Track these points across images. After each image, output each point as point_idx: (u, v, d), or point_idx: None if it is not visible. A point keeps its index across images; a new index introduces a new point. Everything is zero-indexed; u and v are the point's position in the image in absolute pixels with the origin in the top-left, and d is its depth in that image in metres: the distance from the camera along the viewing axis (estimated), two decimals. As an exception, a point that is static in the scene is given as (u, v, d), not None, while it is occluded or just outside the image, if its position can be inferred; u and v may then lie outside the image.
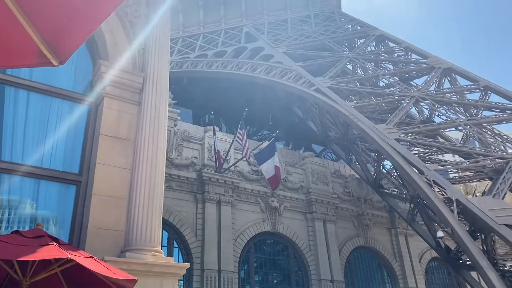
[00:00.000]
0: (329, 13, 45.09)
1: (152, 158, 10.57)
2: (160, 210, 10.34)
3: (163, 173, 10.77)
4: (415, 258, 35.93)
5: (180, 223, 26.31)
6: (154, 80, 11.46)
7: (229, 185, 28.76)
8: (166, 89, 11.72)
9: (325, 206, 32.65)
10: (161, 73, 11.70)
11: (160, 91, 11.46)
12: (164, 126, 11.26)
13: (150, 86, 11.36)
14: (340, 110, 28.89)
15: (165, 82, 11.75)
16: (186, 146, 28.99)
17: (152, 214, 10.01)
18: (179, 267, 9.46)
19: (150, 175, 10.36)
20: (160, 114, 11.24)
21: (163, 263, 9.22)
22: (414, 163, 23.73)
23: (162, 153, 10.90)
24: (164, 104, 11.52)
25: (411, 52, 34.97)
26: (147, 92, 11.27)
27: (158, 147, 10.82)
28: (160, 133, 11.05)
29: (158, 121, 11.10)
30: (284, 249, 30.99)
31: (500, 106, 26.77)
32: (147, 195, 10.13)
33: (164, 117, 11.37)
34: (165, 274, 9.27)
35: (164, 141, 11.15)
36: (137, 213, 9.86)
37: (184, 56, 42.18)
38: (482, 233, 21.24)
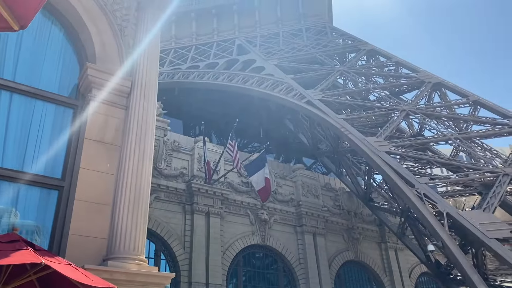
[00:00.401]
0: (320, 27, 45.40)
1: (139, 164, 10.27)
2: (145, 218, 10.02)
3: (149, 179, 10.46)
4: (405, 273, 35.65)
5: (168, 234, 25.79)
6: (143, 85, 11.23)
7: (218, 197, 28.38)
8: (154, 94, 11.48)
9: (315, 219, 32.35)
10: (150, 78, 11.47)
11: (149, 96, 11.21)
12: (151, 132, 10.99)
13: (138, 90, 11.11)
14: (331, 123, 28.82)
15: (154, 87, 11.52)
16: (175, 156, 28.62)
17: (137, 221, 9.68)
18: (163, 277, 9.09)
19: (136, 182, 10.05)
20: (148, 119, 10.98)
21: (146, 273, 8.86)
22: (405, 176, 23.62)
23: (149, 160, 10.60)
24: (152, 109, 11.26)
25: (402, 66, 35.20)
26: (135, 97, 11.01)
27: (145, 153, 10.53)
28: (147, 139, 10.77)
29: (146, 127, 10.83)
30: (274, 263, 30.53)
31: (490, 121, 26.91)
32: (132, 202, 9.80)
33: (152, 123, 11.10)
34: (149, 284, 8.90)
35: (151, 147, 10.86)
36: (121, 221, 9.52)
37: (176, 67, 42.04)
38: (473, 247, 21.08)
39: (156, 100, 11.40)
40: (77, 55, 11.53)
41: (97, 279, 6.46)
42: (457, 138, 25.79)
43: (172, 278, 24.62)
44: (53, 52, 11.23)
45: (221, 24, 47.42)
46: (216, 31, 47.01)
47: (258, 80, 35.44)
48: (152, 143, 10.90)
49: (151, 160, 10.74)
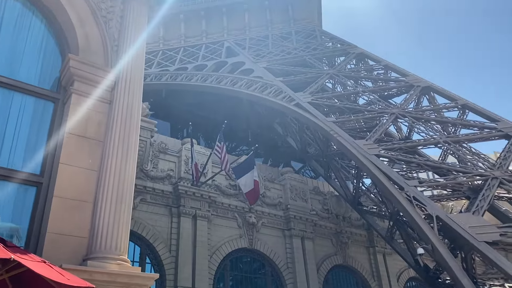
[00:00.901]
0: (310, 30, 45.35)
1: (122, 160, 9.84)
2: (129, 217, 9.58)
3: (133, 177, 10.03)
4: (393, 278, 35.48)
5: (153, 237, 25.22)
6: (128, 79, 10.81)
7: (205, 199, 27.90)
8: (140, 89, 11.06)
9: (303, 223, 32.03)
10: (135, 72, 11.06)
11: (134, 91, 10.79)
12: (136, 128, 10.57)
13: (123, 84, 10.69)
14: (320, 125, 28.61)
15: (139, 82, 11.11)
16: (162, 158, 28.09)
17: (120, 220, 9.24)
18: (146, 278, 8.65)
19: (119, 179, 9.61)
20: (133, 114, 10.56)
21: (129, 273, 8.41)
22: (394, 179, 23.46)
23: (133, 156, 10.17)
24: (137, 104, 10.85)
25: (391, 70, 35.23)
26: (120, 91, 10.59)
27: (129, 149, 10.10)
28: (132, 135, 10.35)
29: (130, 122, 10.41)
30: (261, 267, 30.08)
31: (478, 125, 26.96)
32: (114, 199, 9.36)
33: (137, 118, 10.68)
34: (131, 285, 8.45)
35: (136, 144, 10.43)
36: (102, 219, 9.07)
37: (164, 69, 41.55)
38: (462, 251, 20.94)
39: (141, 95, 10.99)
40: (59, 47, 11.08)
41: (74, 278, 6.01)
42: (446, 142, 25.74)
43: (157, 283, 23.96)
44: (34, 43, 10.77)
45: (210, 26, 47.10)
46: (205, 33, 46.67)
47: (247, 83, 35.14)
48: (137, 139, 10.48)
49: (135, 156, 10.31)
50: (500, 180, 22.30)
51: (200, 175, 27.41)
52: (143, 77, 11.29)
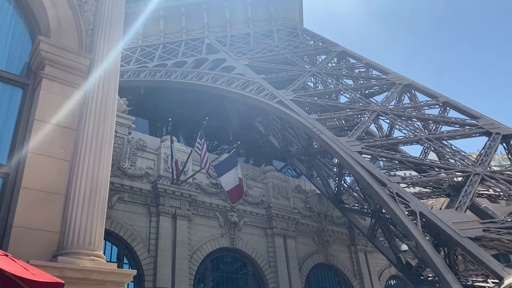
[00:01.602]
0: (291, 28, 45.10)
1: (97, 150, 9.19)
2: (104, 210, 8.92)
3: (108, 168, 9.39)
4: (374, 276, 35.44)
5: (131, 237, 24.41)
6: (103, 64, 10.16)
7: (186, 198, 27.21)
8: (116, 74, 10.43)
9: (285, 221, 31.66)
10: (111, 57, 10.40)
11: (110, 77, 10.16)
12: (112, 116, 9.93)
13: (98, 69, 10.04)
14: (303, 123, 28.28)
15: (116, 67, 10.47)
16: (140, 155, 27.28)
17: (94, 213, 8.59)
18: (123, 274, 8.02)
19: (93, 170, 8.97)
20: (108, 102, 9.92)
21: (103, 269, 7.78)
22: (377, 176, 23.27)
23: (109, 146, 9.53)
24: (114, 91, 10.21)
25: (372, 68, 35.21)
26: (94, 76, 9.93)
27: (104, 138, 9.46)
28: (107, 123, 9.71)
29: (106, 110, 9.77)
30: (243, 267, 29.55)
31: (459, 122, 27.06)
32: (88, 191, 8.71)
33: (113, 106, 10.04)
34: (106, 282, 7.82)
35: (111, 133, 9.79)
36: (75, 212, 8.41)
37: (142, 65, 40.61)
38: (446, 247, 20.86)
39: (117, 82, 10.35)
40: (29, 30, 10.35)
41: (40, 273, 5.38)
42: (428, 139, 25.72)
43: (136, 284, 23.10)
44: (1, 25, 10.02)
45: (190, 23, 46.35)
46: (185, 29, 45.90)
47: (228, 80, 34.58)
48: (112, 128, 9.84)
49: (111, 147, 9.66)
50: (482, 176, 22.34)
51: (180, 173, 26.71)
52: (119, 62, 10.65)
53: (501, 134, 25.08)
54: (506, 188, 21.69)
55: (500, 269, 17.48)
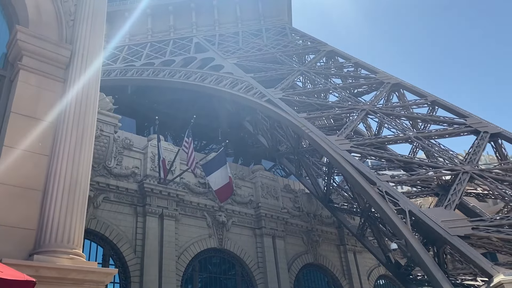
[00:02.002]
0: (280, 28, 44.91)
1: (77, 144, 8.82)
2: (84, 207, 8.54)
3: (89, 163, 9.01)
4: (363, 276, 35.33)
5: (117, 238, 23.90)
6: (85, 55, 9.79)
7: (173, 198, 26.78)
8: (99, 66, 10.05)
9: (274, 221, 31.38)
10: (93, 49, 10.04)
11: (91, 69, 9.78)
12: (93, 109, 9.55)
13: (79, 61, 9.66)
14: (292, 121, 28.04)
15: (98, 59, 10.10)
16: (127, 155, 26.78)
17: (73, 210, 8.22)
18: (103, 274, 7.66)
19: (73, 165, 8.59)
20: (90, 94, 9.55)
21: (82, 268, 7.41)
22: (366, 174, 23.11)
23: (89, 141, 9.16)
24: (95, 84, 9.84)
25: (361, 67, 35.15)
26: (75, 68, 9.56)
27: (85, 133, 9.09)
28: (88, 117, 9.34)
29: (87, 103, 9.40)
30: (231, 267, 29.18)
31: (448, 120, 27.07)
32: (68, 187, 8.33)
33: (95, 99, 9.67)
34: (85, 282, 7.45)
35: (93, 127, 9.42)
36: (53, 209, 8.03)
37: (129, 64, 40.06)
38: (435, 245, 20.76)
39: (99, 75, 9.99)
40: (7, 20, 9.94)
41: (10, 271, 5.02)
42: (417, 137, 25.66)
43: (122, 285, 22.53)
44: (-23, 15, 9.61)
45: (178, 21, 45.90)
46: (173, 28, 45.43)
47: (216, 78, 34.21)
48: (94, 122, 9.46)
49: (92, 141, 9.29)
50: (471, 174, 22.32)
51: (167, 172, 26.28)
52: (102, 53, 10.28)
53: (489, 133, 25.13)
54: (495, 186, 21.68)
55: (490, 267, 17.40)
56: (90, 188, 23.73)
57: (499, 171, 23.10)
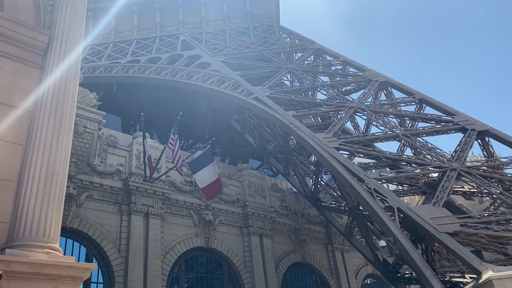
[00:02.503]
0: (268, 26, 44.62)
1: (54, 134, 8.37)
2: (61, 200, 8.09)
3: (67, 154, 8.56)
4: (351, 275, 35.19)
5: (101, 237, 23.33)
6: (64, 41, 9.34)
7: (159, 196, 26.28)
8: (78, 54, 9.61)
9: (262, 220, 31.05)
10: (73, 34, 9.60)
11: (70, 55, 9.33)
12: (72, 98, 9.11)
13: (57, 47, 9.21)
14: (279, 119, 27.74)
15: (78, 46, 9.65)
16: (111, 152, 26.23)
17: (49, 202, 7.76)
18: (81, 269, 7.23)
19: (49, 155, 8.14)
20: (69, 83, 9.11)
21: (58, 263, 6.97)
22: (354, 172, 22.91)
23: (68, 130, 8.71)
24: (75, 71, 9.39)
25: (349, 65, 35.03)
26: (53, 55, 9.11)
27: (63, 122, 8.64)
28: (67, 106, 8.89)
29: (65, 91, 8.96)
30: (218, 267, 28.76)
31: (436, 118, 27.07)
32: (44, 178, 7.88)
33: (74, 87, 9.22)
34: (62, 277, 7.02)
35: (72, 116, 8.97)
36: (28, 201, 7.58)
37: (115, 61, 39.37)
38: (423, 243, 20.61)
39: (79, 62, 9.55)
40: (-20, 4, 9.43)
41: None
42: (405, 135, 25.58)
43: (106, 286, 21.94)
44: (-51, -3, 9.09)
45: (164, 19, 45.31)
46: (159, 25, 44.83)
47: (203, 76, 33.78)
48: (73, 111, 9.02)
49: (70, 132, 8.84)
50: (459, 171, 22.27)
51: (153, 170, 25.77)
52: (82, 40, 9.83)
53: (477, 130, 25.16)
54: (482, 183, 21.66)
55: (478, 263, 17.30)
56: (73, 186, 23.19)
57: (487, 168, 23.11)
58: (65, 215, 22.46)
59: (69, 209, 22.66)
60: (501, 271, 16.32)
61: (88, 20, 44.73)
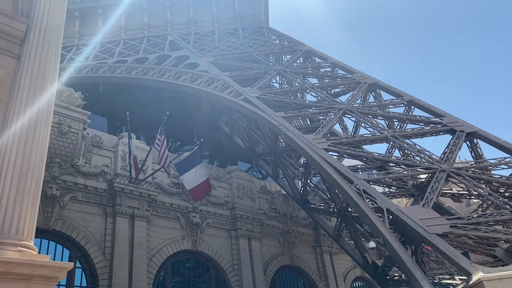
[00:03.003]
0: (257, 27, 44.38)
1: (30, 126, 7.94)
2: (37, 195, 7.65)
3: (44, 149, 8.12)
4: (339, 278, 34.96)
5: (85, 239, 22.73)
6: (42, 30, 8.91)
7: (145, 198, 25.76)
8: (58, 44, 9.17)
9: (250, 222, 30.67)
10: (53, 23, 9.17)
11: (50, 45, 8.90)
12: (51, 90, 8.67)
13: (36, 36, 8.78)
14: (268, 120, 27.44)
15: (58, 35, 9.22)
16: (96, 153, 25.67)
17: (23, 200, 7.32)
18: (56, 268, 6.79)
19: (25, 150, 7.70)
20: (47, 74, 8.67)
21: (31, 262, 6.52)
22: (344, 173, 22.68)
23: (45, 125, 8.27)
24: (54, 62, 8.95)
25: (338, 67, 34.90)
26: (31, 44, 8.67)
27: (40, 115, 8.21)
28: (45, 98, 8.44)
29: (44, 82, 8.53)
30: (206, 270, 28.27)
31: (424, 120, 27.01)
32: (18, 173, 7.44)
33: (53, 78, 8.78)
34: (35, 277, 6.57)
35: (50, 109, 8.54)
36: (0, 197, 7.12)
37: (101, 61, 38.76)
38: (413, 244, 20.43)
39: (59, 52, 9.11)
40: (-47, -10, 8.97)
41: None
42: (394, 136, 25.45)
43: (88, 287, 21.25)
44: None
45: (152, 19, 44.82)
46: (147, 26, 44.32)
47: (191, 76, 33.36)
48: (51, 103, 8.59)
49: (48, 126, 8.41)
50: (448, 172, 22.16)
51: (139, 171, 25.25)
52: (62, 29, 9.40)
53: (465, 132, 25.12)
54: (472, 184, 21.58)
55: (468, 265, 17.12)
56: (57, 187, 22.59)
57: (476, 170, 23.06)
58: (48, 216, 21.87)
59: (52, 211, 22.07)
60: (491, 272, 16.15)
61: (75, 20, 44.12)
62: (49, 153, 22.93)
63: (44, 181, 22.16)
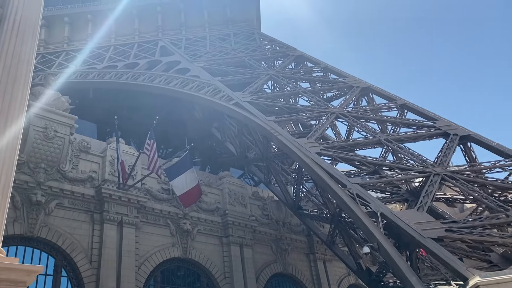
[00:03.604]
0: (249, 33, 44.19)
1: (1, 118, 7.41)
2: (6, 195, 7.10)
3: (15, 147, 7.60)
4: (333, 285, 34.42)
5: (71, 247, 22.04)
6: (17, 21, 8.43)
7: (133, 204, 25.13)
8: (34, 35, 8.69)
9: (242, 229, 30.09)
10: (28, 15, 8.68)
11: (24, 36, 8.42)
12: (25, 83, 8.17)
13: (9, 26, 8.30)
14: (260, 124, 27.04)
15: (34, 26, 8.73)
16: (83, 158, 25.06)
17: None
18: (24, 272, 6.24)
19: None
20: (21, 65, 8.16)
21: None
22: (337, 177, 22.28)
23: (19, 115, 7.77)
24: (29, 54, 8.45)
25: (330, 72, 34.68)
26: (4, 34, 8.18)
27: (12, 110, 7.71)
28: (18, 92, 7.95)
29: (17, 74, 8.02)
30: (197, 278, 27.60)
31: (417, 123, 26.76)
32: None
33: (27, 71, 8.28)
34: (2, 281, 6.02)
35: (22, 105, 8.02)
36: (-34, 195, 6.59)
37: (91, 66, 38.25)
38: (408, 249, 19.98)
39: (35, 40, 8.63)
40: None
41: None
42: (387, 140, 25.13)
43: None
44: None
45: (143, 25, 44.47)
46: (138, 32, 43.96)
47: (182, 81, 32.94)
48: (25, 100, 8.08)
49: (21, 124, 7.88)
50: (442, 176, 21.82)
51: (128, 177, 24.66)
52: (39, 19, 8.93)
53: (459, 135, 24.85)
54: (466, 187, 21.24)
55: (465, 269, 16.70)
56: (42, 193, 21.92)
57: (470, 173, 22.75)
58: (32, 224, 21.20)
59: (37, 218, 21.40)
60: (488, 276, 15.74)
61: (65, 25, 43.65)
62: (34, 158, 22.33)
63: (29, 187, 21.68)
